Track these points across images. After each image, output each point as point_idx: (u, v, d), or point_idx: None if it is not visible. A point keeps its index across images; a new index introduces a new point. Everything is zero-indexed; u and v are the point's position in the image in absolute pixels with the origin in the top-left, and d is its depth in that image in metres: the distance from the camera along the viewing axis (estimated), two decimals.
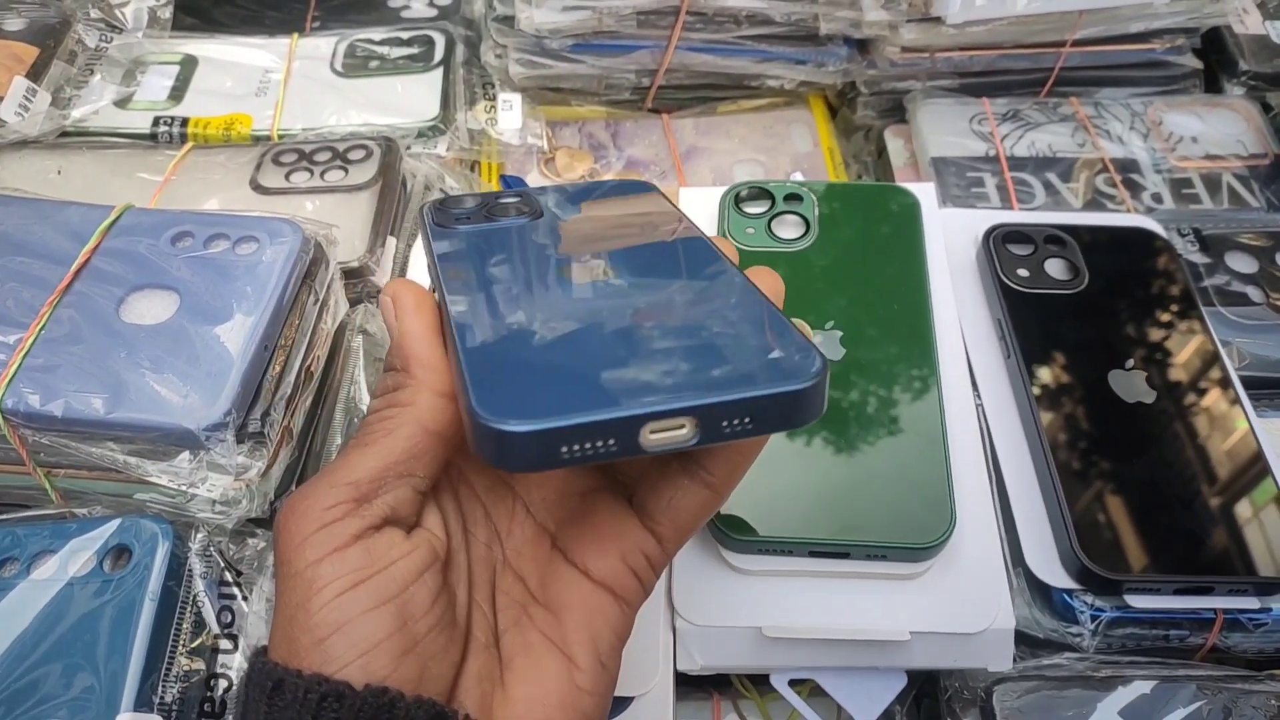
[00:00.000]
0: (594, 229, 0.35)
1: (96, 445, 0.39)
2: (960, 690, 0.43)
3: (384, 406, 0.28)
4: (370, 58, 0.67)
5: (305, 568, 0.25)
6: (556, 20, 0.65)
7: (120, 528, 0.38)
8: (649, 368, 0.24)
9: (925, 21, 0.65)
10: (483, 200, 0.36)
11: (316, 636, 0.25)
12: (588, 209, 0.37)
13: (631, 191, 0.38)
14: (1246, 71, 0.69)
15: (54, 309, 0.41)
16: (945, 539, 0.41)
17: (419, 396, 0.27)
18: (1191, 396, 0.48)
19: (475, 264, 0.32)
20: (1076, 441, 0.46)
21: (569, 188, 0.38)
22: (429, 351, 0.28)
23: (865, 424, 0.45)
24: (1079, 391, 0.48)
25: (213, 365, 0.39)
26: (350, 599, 0.25)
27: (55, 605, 0.36)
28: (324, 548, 0.25)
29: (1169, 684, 0.42)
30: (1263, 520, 0.44)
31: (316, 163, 0.57)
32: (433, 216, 0.35)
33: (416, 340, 0.28)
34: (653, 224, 0.35)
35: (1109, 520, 0.44)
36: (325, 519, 0.26)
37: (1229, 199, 0.63)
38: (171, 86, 0.65)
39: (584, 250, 0.33)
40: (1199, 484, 0.45)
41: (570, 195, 0.37)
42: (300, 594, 0.25)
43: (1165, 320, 0.51)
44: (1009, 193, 0.62)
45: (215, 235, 0.44)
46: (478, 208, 0.36)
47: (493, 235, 0.34)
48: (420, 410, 0.27)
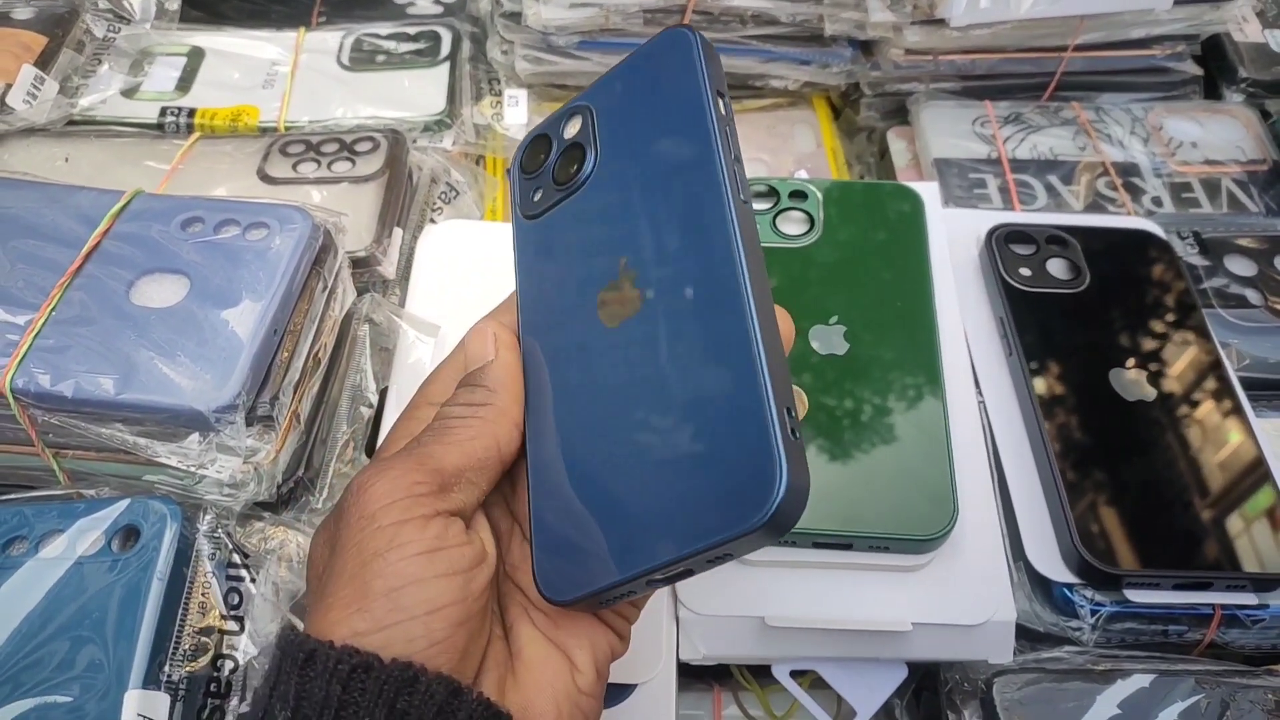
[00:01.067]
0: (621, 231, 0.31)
1: (106, 426, 0.39)
2: (960, 682, 0.43)
3: (468, 415, 0.30)
4: (377, 52, 0.68)
5: (390, 524, 0.27)
6: (563, 17, 0.65)
7: (129, 508, 0.39)
8: (658, 519, 0.27)
9: (929, 24, 0.66)
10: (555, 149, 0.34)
11: (391, 585, 0.26)
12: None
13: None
14: (1246, 79, 0.70)
15: (64, 291, 0.41)
16: (947, 532, 0.42)
17: (502, 422, 0.30)
18: (1191, 396, 0.49)
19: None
20: (1077, 438, 0.47)
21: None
22: (517, 387, 0.31)
23: (869, 418, 0.45)
24: (1080, 389, 0.48)
25: (223, 348, 0.39)
26: (427, 561, 0.27)
27: (63, 584, 0.37)
28: (409, 513, 0.27)
29: (1167, 678, 0.42)
30: (1260, 518, 0.45)
31: (324, 154, 0.57)
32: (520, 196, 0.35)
33: (511, 375, 0.31)
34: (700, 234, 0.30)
35: (1109, 516, 0.44)
36: (413, 491, 0.28)
37: (1228, 203, 0.64)
38: (179, 77, 0.65)
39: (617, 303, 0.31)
40: (1198, 482, 0.46)
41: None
42: (380, 544, 0.27)
43: (1165, 321, 0.51)
44: (1011, 194, 0.63)
45: (226, 221, 0.44)
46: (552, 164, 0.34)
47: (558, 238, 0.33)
48: (500, 434, 0.30)
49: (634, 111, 0.32)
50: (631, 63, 0.33)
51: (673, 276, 0.29)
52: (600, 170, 0.32)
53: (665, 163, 0.31)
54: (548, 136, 0.34)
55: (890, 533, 0.42)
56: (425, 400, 0.33)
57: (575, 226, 0.33)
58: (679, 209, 0.30)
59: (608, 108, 0.33)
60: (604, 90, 0.33)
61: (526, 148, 0.35)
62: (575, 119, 0.33)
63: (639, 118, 0.32)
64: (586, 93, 0.34)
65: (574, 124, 0.33)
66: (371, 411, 0.47)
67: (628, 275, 0.30)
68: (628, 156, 0.32)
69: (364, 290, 0.51)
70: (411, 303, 0.52)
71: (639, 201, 0.31)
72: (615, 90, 0.33)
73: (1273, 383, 0.53)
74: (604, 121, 0.33)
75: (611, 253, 0.31)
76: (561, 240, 0.33)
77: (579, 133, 0.33)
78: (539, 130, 0.35)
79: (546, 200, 0.33)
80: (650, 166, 0.31)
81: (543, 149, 0.34)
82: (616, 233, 0.31)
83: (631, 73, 0.33)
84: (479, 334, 0.32)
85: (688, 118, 0.30)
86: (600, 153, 0.33)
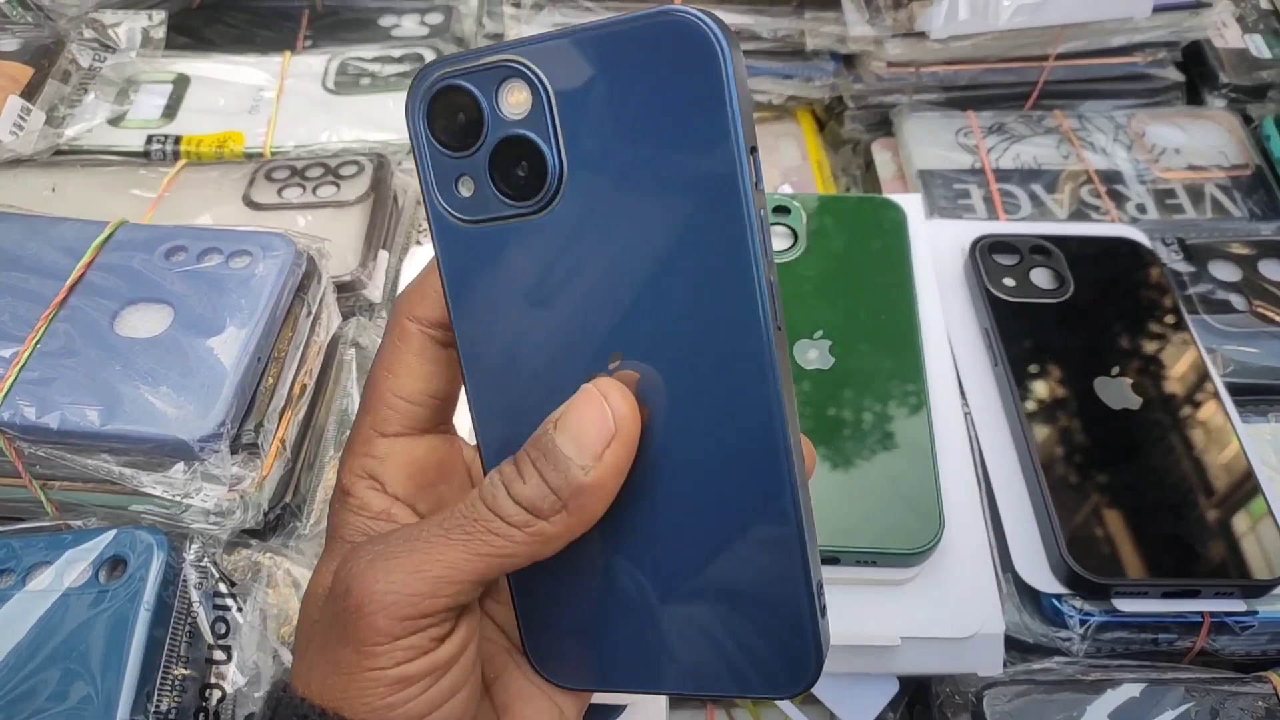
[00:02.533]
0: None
1: (91, 457, 0.39)
2: (951, 695, 0.44)
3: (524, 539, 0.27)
4: (362, 75, 0.68)
5: (396, 664, 0.25)
6: None
7: (115, 539, 0.39)
8: (687, 653, 0.26)
9: (910, 37, 0.66)
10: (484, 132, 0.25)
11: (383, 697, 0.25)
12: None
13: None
14: (1227, 84, 0.70)
15: (49, 323, 0.41)
16: (934, 545, 0.42)
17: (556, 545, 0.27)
18: (1177, 403, 0.49)
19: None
20: (1063, 448, 0.47)
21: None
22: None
23: (854, 432, 0.45)
24: (1065, 399, 0.49)
25: (206, 377, 0.39)
26: (437, 693, 0.26)
27: (51, 616, 0.37)
28: (419, 647, 0.25)
29: (1157, 686, 0.42)
30: (1247, 525, 0.45)
31: (309, 178, 0.58)
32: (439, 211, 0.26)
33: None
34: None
35: (1096, 525, 0.45)
36: (420, 609, 0.25)
37: (1212, 209, 0.64)
38: (165, 105, 0.65)
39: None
40: (1185, 489, 0.46)
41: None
42: (376, 660, 0.25)
43: (1150, 328, 0.52)
44: (995, 204, 0.63)
45: (209, 249, 0.44)
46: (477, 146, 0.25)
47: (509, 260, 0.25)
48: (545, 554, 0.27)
49: (621, 123, 0.24)
50: (610, 42, 0.23)
51: (687, 413, 0.25)
52: (570, 194, 0.24)
53: (672, 228, 0.24)
54: (472, 96, 0.24)
55: (877, 547, 0.42)
56: (388, 395, 0.28)
57: (537, 268, 0.25)
58: (693, 315, 0.24)
59: (572, 97, 0.24)
60: (561, 62, 0.24)
61: (435, 98, 0.25)
62: (517, 87, 0.24)
63: (629, 136, 0.24)
64: (524, 47, 0.24)
65: (516, 96, 0.24)
66: None
67: (624, 376, 0.25)
68: (612, 187, 0.24)
69: (350, 314, 0.51)
70: None
71: (633, 269, 0.24)
72: (582, 71, 0.24)
73: (1258, 388, 0.53)
74: (569, 117, 0.24)
75: (599, 338, 0.25)
76: (515, 277, 0.25)
77: (528, 119, 0.24)
78: (452, 76, 0.25)
79: (484, 204, 0.25)
80: (647, 222, 0.24)
81: (465, 112, 0.25)
82: (605, 310, 0.25)
83: (610, 58, 0.23)
84: (596, 406, 0.25)
85: (709, 176, 0.23)
86: (567, 166, 0.24)
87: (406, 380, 0.28)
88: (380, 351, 0.29)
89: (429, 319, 0.27)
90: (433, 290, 0.27)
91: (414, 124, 0.25)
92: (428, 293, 0.27)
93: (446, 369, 0.28)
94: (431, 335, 0.28)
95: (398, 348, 0.28)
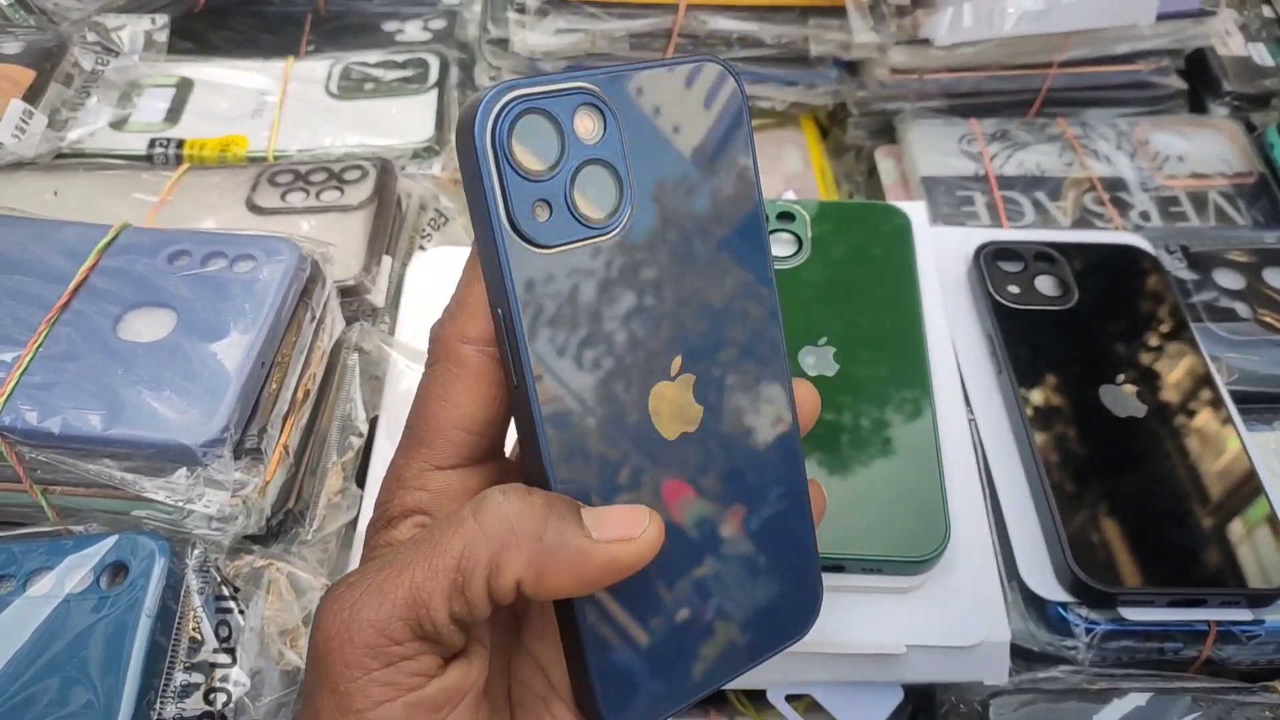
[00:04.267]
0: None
1: (93, 462, 0.39)
2: (957, 704, 0.43)
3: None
4: (365, 80, 0.68)
5: (376, 705, 0.24)
6: (550, 43, 0.65)
7: (117, 544, 0.38)
8: (724, 642, 0.30)
9: (914, 44, 0.66)
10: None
11: None
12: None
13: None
14: (1230, 92, 0.70)
15: (51, 327, 0.41)
16: (940, 553, 0.42)
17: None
18: (1181, 411, 0.49)
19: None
20: (1069, 456, 0.47)
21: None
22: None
23: (859, 439, 0.45)
24: (1070, 406, 0.48)
25: (210, 382, 0.39)
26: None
27: (52, 622, 0.36)
28: (399, 684, 0.24)
29: (1164, 696, 0.42)
30: (1253, 533, 0.45)
31: (312, 183, 0.57)
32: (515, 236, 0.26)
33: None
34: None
35: (1102, 534, 0.44)
36: (388, 635, 0.24)
37: (1216, 217, 0.64)
38: (167, 109, 0.65)
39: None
40: (1190, 497, 0.46)
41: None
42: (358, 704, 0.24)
43: (1155, 336, 0.52)
44: (998, 211, 0.63)
45: (212, 254, 0.44)
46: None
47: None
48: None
49: (666, 148, 0.27)
50: (663, 79, 0.27)
51: (731, 402, 0.29)
52: (635, 218, 0.27)
53: (708, 239, 0.28)
54: (554, 121, 0.25)
55: (882, 555, 0.42)
56: (447, 427, 0.27)
57: (605, 288, 0.27)
58: (730, 311, 0.29)
59: (636, 126, 0.27)
60: (626, 94, 0.26)
61: (516, 120, 0.25)
62: (590, 113, 0.26)
63: (672, 161, 0.27)
64: (598, 77, 0.26)
65: (590, 123, 0.26)
66: (362, 441, 0.47)
67: (685, 379, 0.28)
68: (663, 211, 0.27)
69: (353, 319, 0.51)
70: (401, 330, 0.52)
71: (687, 283, 0.28)
72: (642, 105, 0.27)
73: (1263, 396, 0.53)
74: (634, 145, 0.27)
75: (663, 344, 0.28)
76: (589, 296, 0.26)
77: (602, 144, 0.26)
78: (534, 101, 0.25)
79: (561, 230, 0.26)
80: (692, 239, 0.28)
81: (547, 136, 0.25)
82: (668, 319, 0.28)
83: (663, 94, 0.27)
84: (637, 514, 0.26)
85: (736, 196, 0.28)
86: (634, 191, 0.27)
87: (468, 410, 0.27)
88: (430, 383, 0.27)
89: (483, 338, 0.26)
90: (480, 308, 0.26)
91: (486, 148, 0.25)
92: (477, 313, 0.26)
93: (502, 391, 0.27)
94: (489, 355, 0.26)
95: (453, 374, 0.27)
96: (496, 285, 0.25)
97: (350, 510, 0.45)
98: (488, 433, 0.27)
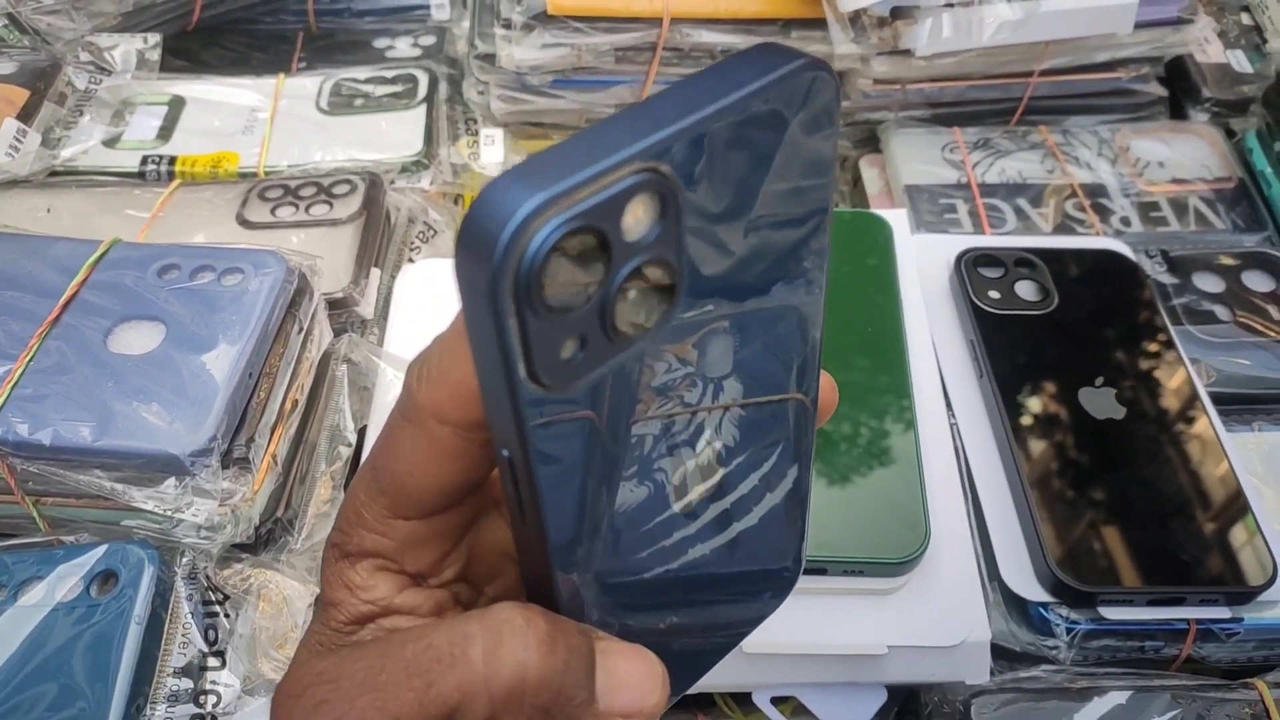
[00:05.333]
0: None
1: (84, 473, 0.39)
2: (940, 704, 0.44)
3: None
4: (355, 96, 0.69)
5: None
6: (537, 57, 0.66)
7: (106, 553, 0.39)
8: (713, 638, 0.29)
9: (895, 54, 0.67)
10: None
11: None
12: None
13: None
14: (1209, 98, 0.71)
15: (43, 340, 0.42)
16: (920, 554, 0.42)
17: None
18: (1161, 413, 0.49)
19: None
20: (1049, 458, 0.47)
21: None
22: None
23: (841, 443, 0.46)
24: (1051, 409, 0.49)
25: (198, 393, 0.40)
26: None
27: (42, 630, 0.37)
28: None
29: (1144, 694, 0.43)
30: (1231, 532, 0.45)
31: (302, 197, 0.58)
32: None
33: None
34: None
35: (1082, 534, 0.45)
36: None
37: (1195, 221, 0.65)
38: (160, 126, 0.66)
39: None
40: (1169, 498, 0.46)
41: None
42: None
43: (1134, 339, 0.52)
44: (981, 218, 0.64)
45: (201, 267, 0.45)
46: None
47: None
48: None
49: (733, 202, 0.19)
50: (740, 112, 0.18)
51: (751, 452, 0.25)
52: (683, 300, 0.20)
53: (765, 284, 0.22)
54: (599, 234, 0.17)
55: (864, 557, 0.42)
56: (414, 490, 0.23)
57: (639, 393, 0.21)
58: (777, 349, 0.24)
59: (701, 190, 0.18)
60: (694, 154, 0.18)
61: (551, 255, 0.17)
62: (646, 199, 0.18)
63: (738, 212, 0.20)
64: (650, 140, 0.17)
65: (643, 212, 0.18)
66: (350, 450, 0.48)
67: (711, 449, 0.24)
68: (712, 275, 0.20)
69: (342, 330, 0.52)
70: (390, 342, 0.53)
71: (726, 340, 0.22)
72: (711, 159, 0.18)
73: (1242, 397, 0.54)
74: (693, 214, 0.19)
75: (698, 427, 0.23)
76: (616, 414, 0.21)
77: (659, 238, 0.18)
78: (578, 220, 0.17)
79: (594, 358, 0.19)
80: (745, 291, 0.21)
81: (586, 262, 0.17)
82: (705, 395, 0.23)
83: (738, 132, 0.18)
84: (646, 690, 0.23)
85: (804, 223, 0.21)
86: (687, 272, 0.19)
87: (439, 479, 0.23)
88: (399, 439, 0.23)
89: (463, 423, 0.22)
90: (464, 393, 0.21)
91: (506, 297, 0.17)
92: (459, 395, 0.22)
93: (485, 464, 0.23)
94: (468, 439, 0.22)
95: (425, 447, 0.23)
96: (504, 428, 0.19)
97: None
98: (463, 490, 0.24)
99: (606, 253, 0.17)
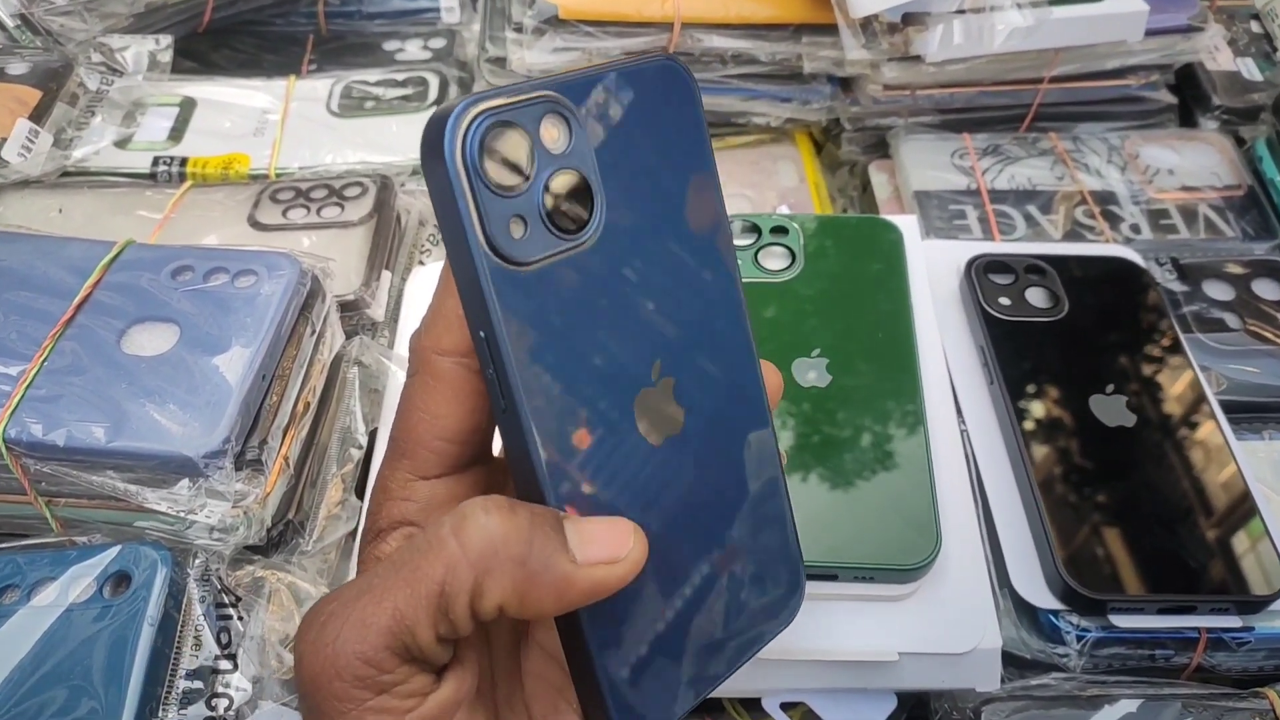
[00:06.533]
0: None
1: (97, 474, 0.39)
2: (950, 711, 0.44)
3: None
4: (366, 98, 0.69)
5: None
6: (547, 61, 0.66)
7: (120, 554, 0.39)
8: (722, 636, 0.30)
9: (906, 60, 0.67)
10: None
11: None
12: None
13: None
14: (1219, 106, 0.71)
15: (56, 341, 0.42)
16: (931, 561, 0.42)
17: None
18: (1171, 420, 0.49)
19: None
20: (1059, 465, 0.47)
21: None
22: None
23: (852, 449, 0.46)
24: (1061, 416, 0.49)
25: (211, 394, 0.40)
26: None
27: (55, 631, 0.37)
28: (395, 709, 0.24)
29: (1154, 702, 0.43)
30: (1242, 540, 0.45)
31: (313, 199, 0.58)
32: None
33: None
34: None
35: (1092, 542, 0.45)
36: (377, 665, 0.24)
37: (1205, 229, 0.65)
38: (171, 127, 0.66)
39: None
40: (1180, 506, 0.46)
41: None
42: None
43: (1144, 346, 0.52)
44: (990, 225, 0.64)
45: (215, 269, 0.45)
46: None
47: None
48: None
49: (630, 149, 0.27)
50: (619, 81, 0.26)
51: (709, 399, 0.29)
52: (607, 224, 0.26)
53: (675, 236, 0.28)
54: (523, 132, 0.25)
55: (874, 563, 0.42)
56: (429, 439, 0.27)
57: (585, 298, 0.26)
58: (701, 305, 0.28)
59: (600, 129, 0.26)
60: (587, 98, 0.26)
61: (485, 135, 0.24)
62: (555, 121, 0.25)
63: (637, 161, 0.27)
64: (560, 84, 0.26)
65: (555, 131, 0.25)
66: (361, 453, 0.48)
67: (665, 383, 0.28)
68: (632, 212, 0.27)
69: (353, 333, 0.52)
70: (401, 344, 0.53)
71: (658, 284, 0.27)
72: (603, 107, 0.26)
73: (1253, 405, 0.54)
74: (601, 149, 0.26)
75: (643, 350, 0.27)
76: (569, 310, 0.26)
77: (571, 151, 0.25)
78: (502, 113, 0.24)
79: (538, 245, 0.25)
80: (660, 237, 0.27)
81: (516, 149, 0.25)
82: (645, 323, 0.27)
83: (621, 96, 0.26)
84: (623, 529, 0.26)
85: (698, 191, 0.28)
86: (605, 197, 0.26)
87: (448, 422, 0.26)
88: (409, 395, 0.27)
89: (459, 350, 0.26)
90: (455, 320, 0.25)
91: (457, 167, 0.23)
92: (452, 324, 0.26)
93: (484, 400, 0.26)
94: (466, 366, 0.26)
95: (431, 387, 0.26)
96: (477, 308, 0.24)
97: (350, 521, 0.45)
98: (471, 440, 0.27)
99: (532, 152, 0.25)
